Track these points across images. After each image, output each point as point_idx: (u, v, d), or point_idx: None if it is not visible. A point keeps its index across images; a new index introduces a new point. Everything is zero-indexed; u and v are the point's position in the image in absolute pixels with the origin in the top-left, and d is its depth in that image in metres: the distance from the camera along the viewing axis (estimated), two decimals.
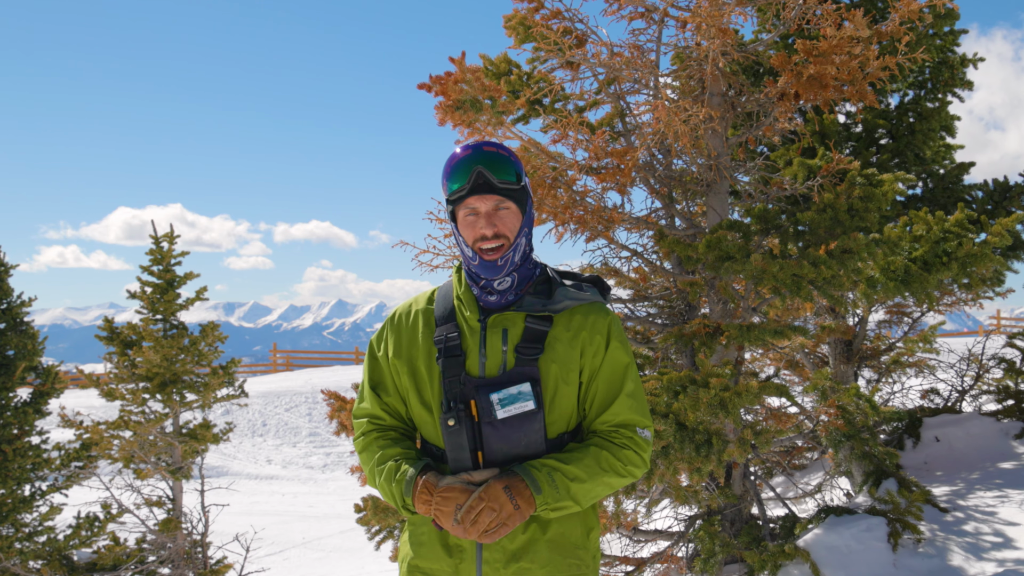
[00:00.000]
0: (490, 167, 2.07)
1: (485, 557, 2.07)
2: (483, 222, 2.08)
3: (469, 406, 2.06)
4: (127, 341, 7.76)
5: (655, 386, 4.62)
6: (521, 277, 2.15)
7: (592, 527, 2.19)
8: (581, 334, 2.12)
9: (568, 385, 2.11)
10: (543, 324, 2.11)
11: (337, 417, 5.79)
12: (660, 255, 5.93)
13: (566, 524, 2.12)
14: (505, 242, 2.09)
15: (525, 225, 2.15)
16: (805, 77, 4.98)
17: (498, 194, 2.08)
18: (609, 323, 2.17)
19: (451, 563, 2.12)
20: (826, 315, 7.11)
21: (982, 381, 8.16)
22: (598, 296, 2.22)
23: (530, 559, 2.07)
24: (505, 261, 2.09)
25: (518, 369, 2.07)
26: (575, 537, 2.14)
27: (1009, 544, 5.17)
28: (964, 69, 7.58)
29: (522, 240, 2.14)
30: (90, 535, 7.36)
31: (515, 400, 2.04)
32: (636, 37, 5.40)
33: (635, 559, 5.80)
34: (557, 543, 2.10)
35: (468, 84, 5.10)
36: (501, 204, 2.09)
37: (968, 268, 5.26)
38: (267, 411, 18.18)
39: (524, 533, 2.08)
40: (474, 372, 2.10)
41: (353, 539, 10.64)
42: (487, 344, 2.11)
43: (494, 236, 2.07)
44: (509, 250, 2.09)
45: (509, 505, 1.93)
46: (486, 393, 2.04)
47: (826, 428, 5.34)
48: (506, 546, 2.07)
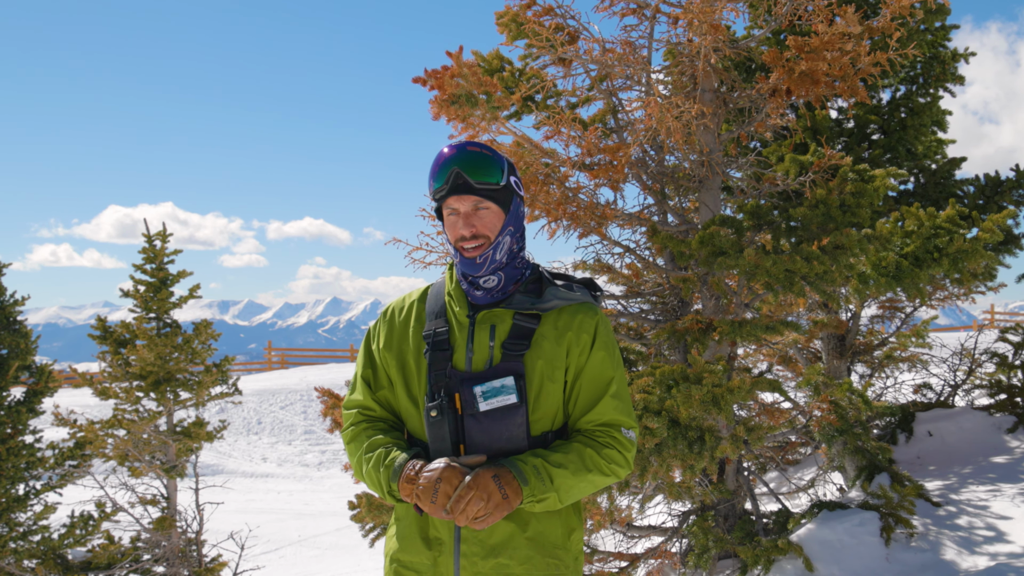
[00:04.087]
0: (469, 167, 2.08)
1: (463, 551, 2.08)
2: (462, 222, 2.11)
3: (454, 399, 2.08)
4: (120, 340, 7.74)
5: (648, 382, 4.62)
6: (508, 276, 2.17)
7: (574, 528, 2.20)
8: (568, 333, 2.14)
9: (554, 383, 2.11)
10: (531, 322, 2.13)
11: (331, 414, 5.79)
12: (653, 251, 5.94)
13: (547, 523, 2.12)
14: (485, 241, 2.11)
15: (510, 224, 2.16)
16: (797, 73, 4.99)
17: (476, 194, 2.10)
18: (596, 323, 2.17)
19: (430, 556, 2.12)
20: (819, 310, 7.13)
21: (975, 375, 8.19)
22: (588, 296, 2.23)
23: (508, 555, 2.08)
24: (484, 259, 2.11)
25: (504, 364, 2.09)
26: (555, 537, 2.14)
27: (1001, 538, 5.19)
28: (956, 64, 7.60)
29: (505, 239, 2.15)
30: (84, 534, 7.35)
31: (498, 393, 2.05)
32: (628, 33, 5.41)
33: (629, 555, 5.82)
34: (537, 541, 2.11)
35: (464, 79, 5.10)
36: (480, 204, 2.11)
37: (959, 264, 5.27)
38: (262, 409, 18.16)
39: (504, 528, 2.09)
40: (461, 366, 2.12)
41: (349, 536, 10.64)
42: (475, 339, 2.13)
43: (472, 236, 2.10)
44: (489, 248, 2.11)
45: (498, 494, 1.93)
46: (470, 386, 2.07)
47: (819, 423, 5.36)
48: (485, 540, 2.08)
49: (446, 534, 2.11)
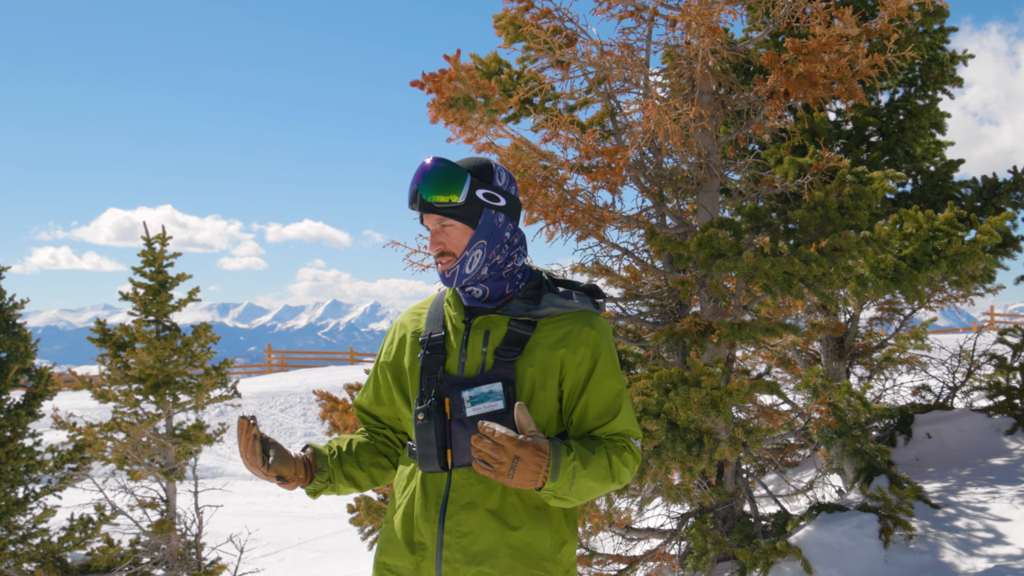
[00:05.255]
0: (427, 187, 2.09)
1: (445, 556, 2.05)
2: (431, 239, 2.15)
3: (443, 403, 2.07)
4: (120, 343, 7.75)
5: (646, 384, 4.62)
6: (493, 288, 2.16)
7: (566, 540, 2.14)
8: (564, 343, 2.10)
9: (545, 391, 2.09)
10: (525, 328, 2.11)
11: (330, 417, 5.80)
12: (651, 253, 5.94)
13: (535, 533, 2.08)
14: (451, 258, 2.12)
15: (481, 238, 2.13)
16: (795, 75, 5.00)
17: (436, 213, 2.11)
18: (597, 335, 2.14)
19: (413, 560, 2.10)
20: (817, 313, 7.13)
21: (973, 377, 8.19)
22: (588, 304, 2.19)
23: (491, 564, 2.03)
24: (452, 274, 2.13)
25: (494, 370, 2.07)
26: (543, 548, 2.08)
27: (1000, 540, 5.20)
28: (954, 66, 7.60)
29: (475, 253, 2.12)
30: (84, 537, 7.35)
31: (485, 399, 2.04)
32: (626, 36, 5.42)
33: (628, 557, 5.81)
34: (521, 551, 2.06)
35: (462, 82, 5.10)
36: (443, 222, 2.13)
37: (958, 266, 5.27)
38: (262, 412, 18.15)
39: (488, 535, 2.05)
40: (453, 371, 2.12)
41: (348, 539, 10.64)
42: (468, 344, 2.12)
43: (439, 254, 2.13)
44: (456, 264, 2.12)
45: (506, 467, 1.84)
46: (459, 390, 2.06)
47: (818, 425, 5.36)
48: (468, 547, 2.04)
49: (429, 539, 2.08)
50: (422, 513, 2.10)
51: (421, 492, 2.12)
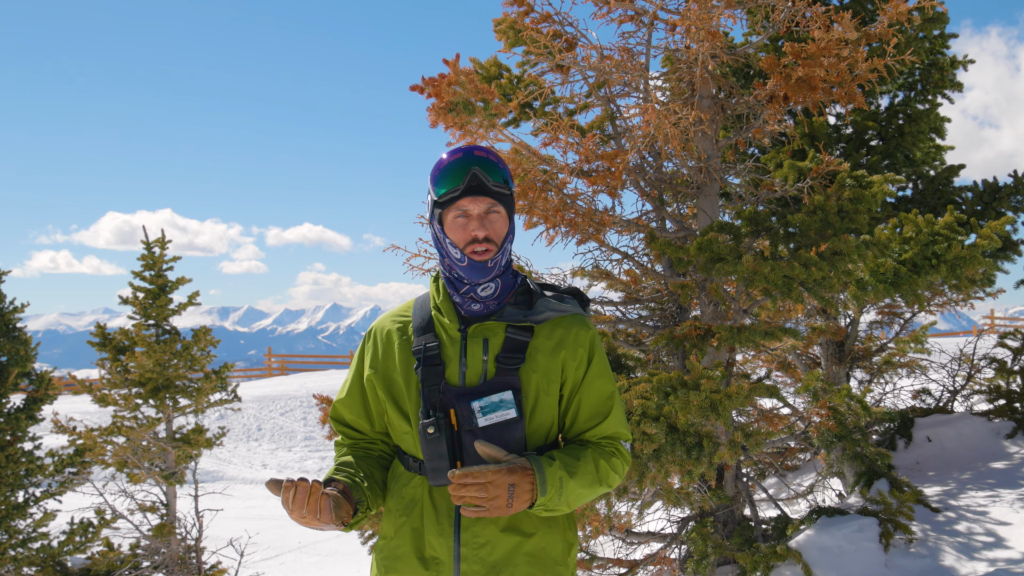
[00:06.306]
0: (484, 170, 2.05)
1: (463, 569, 2.03)
2: (475, 224, 2.04)
3: (449, 415, 2.03)
4: (120, 346, 7.76)
5: (646, 388, 4.62)
6: (504, 284, 2.13)
7: (572, 543, 2.17)
8: (563, 346, 2.11)
9: (549, 396, 2.08)
10: (524, 334, 2.09)
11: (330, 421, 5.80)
12: (651, 257, 5.94)
13: (548, 538, 2.09)
14: (493, 246, 2.06)
15: (511, 231, 2.13)
16: (794, 79, 5.00)
17: (491, 197, 2.05)
18: (591, 337, 2.15)
19: None
20: (817, 316, 7.13)
21: (973, 381, 8.19)
22: (579, 308, 2.20)
23: (510, 572, 2.04)
24: (494, 264, 2.07)
25: (499, 379, 2.04)
26: (556, 553, 2.10)
27: (1001, 544, 5.19)
28: (954, 71, 7.61)
29: (508, 247, 2.12)
30: (84, 541, 7.35)
31: (497, 408, 2.01)
32: (626, 40, 5.42)
33: (628, 561, 5.81)
34: (537, 557, 2.07)
35: (461, 86, 5.11)
36: (493, 208, 2.06)
37: (957, 270, 5.28)
38: (262, 415, 18.14)
39: (505, 545, 2.05)
40: (454, 381, 2.07)
41: (349, 543, 10.62)
42: (468, 354, 2.08)
43: (485, 239, 2.05)
44: (498, 253, 2.07)
45: (503, 500, 1.86)
46: (467, 401, 2.01)
47: (818, 429, 5.36)
48: (485, 558, 2.03)
49: (444, 553, 2.05)
50: (434, 527, 2.07)
51: (431, 506, 2.08)
